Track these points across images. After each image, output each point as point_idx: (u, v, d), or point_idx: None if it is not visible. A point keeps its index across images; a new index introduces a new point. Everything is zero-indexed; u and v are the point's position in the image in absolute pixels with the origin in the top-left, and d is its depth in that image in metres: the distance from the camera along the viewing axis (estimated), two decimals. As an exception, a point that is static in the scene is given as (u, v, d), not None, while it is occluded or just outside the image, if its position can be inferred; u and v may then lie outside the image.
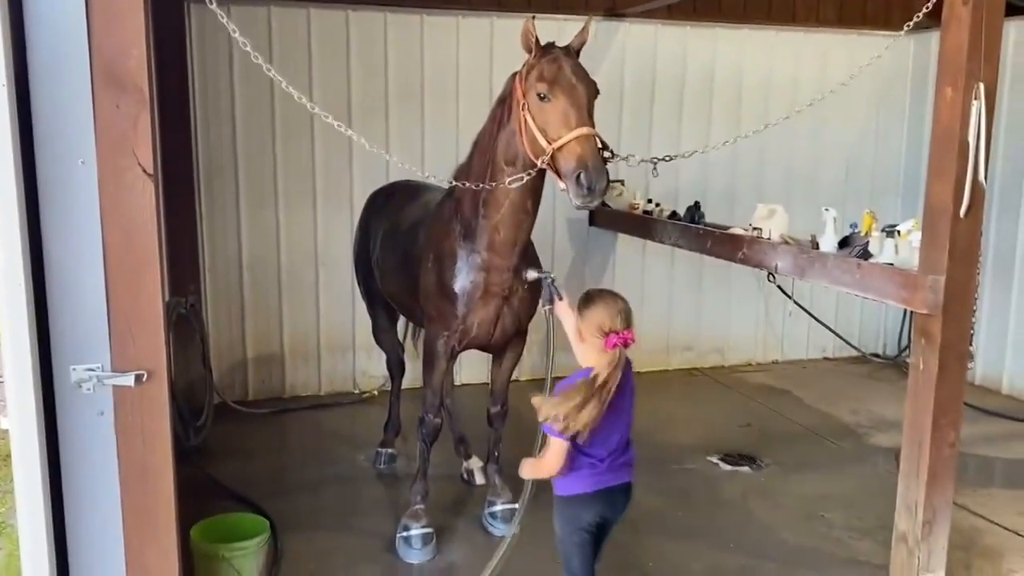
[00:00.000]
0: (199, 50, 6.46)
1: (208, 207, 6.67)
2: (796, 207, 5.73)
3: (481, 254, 4.19)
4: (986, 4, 3.49)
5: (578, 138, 3.61)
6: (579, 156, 3.59)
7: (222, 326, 6.85)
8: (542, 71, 3.73)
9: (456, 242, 4.28)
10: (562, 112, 3.67)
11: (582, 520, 3.26)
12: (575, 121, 3.64)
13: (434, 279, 4.37)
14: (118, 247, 2.64)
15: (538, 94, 3.71)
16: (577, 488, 3.25)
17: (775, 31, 7.84)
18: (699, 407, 7.11)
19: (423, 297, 4.50)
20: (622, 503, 3.33)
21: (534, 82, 3.74)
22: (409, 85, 6.97)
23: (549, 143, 3.68)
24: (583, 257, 7.67)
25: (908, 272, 3.88)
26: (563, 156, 3.65)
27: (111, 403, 2.70)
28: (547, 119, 3.70)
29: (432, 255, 4.41)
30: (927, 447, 3.79)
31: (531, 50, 3.82)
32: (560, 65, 3.74)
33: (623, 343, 3.09)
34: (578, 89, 3.71)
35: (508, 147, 3.98)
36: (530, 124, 3.77)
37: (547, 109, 3.70)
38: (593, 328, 3.14)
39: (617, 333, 3.08)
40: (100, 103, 2.56)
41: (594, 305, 3.19)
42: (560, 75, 3.71)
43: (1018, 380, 7.22)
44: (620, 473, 3.27)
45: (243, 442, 6.11)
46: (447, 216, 4.39)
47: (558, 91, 3.68)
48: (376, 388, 7.06)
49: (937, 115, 3.69)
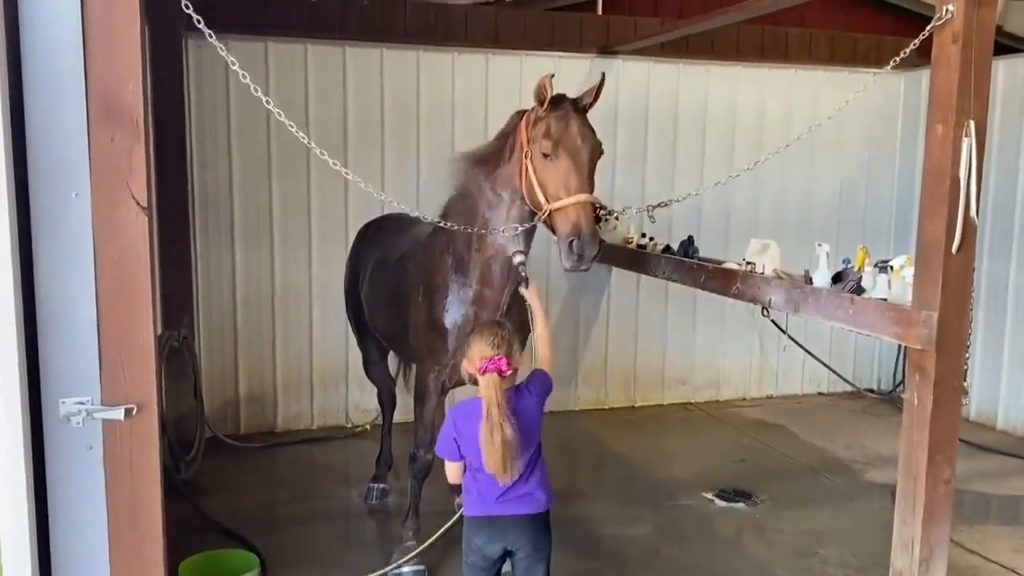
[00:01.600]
0: (196, 84, 6.51)
1: (203, 240, 6.68)
2: (789, 242, 5.76)
3: (473, 288, 4.19)
4: (975, 42, 3.53)
5: (575, 204, 3.64)
6: (574, 223, 3.62)
7: (215, 359, 6.82)
8: (549, 127, 3.73)
9: (447, 275, 4.26)
10: (564, 174, 3.69)
11: (471, 543, 3.29)
12: (575, 186, 3.66)
13: (424, 313, 4.35)
14: (110, 280, 2.62)
15: (543, 152, 3.72)
16: (468, 510, 3.31)
17: (767, 68, 7.94)
18: (694, 442, 7.07)
19: (413, 332, 4.47)
20: (524, 536, 3.26)
21: (540, 137, 3.74)
22: (405, 121, 7.02)
23: (547, 201, 3.71)
24: (578, 291, 7.68)
25: (901, 308, 3.89)
26: (559, 218, 3.68)
27: (100, 437, 2.66)
28: (548, 177, 3.72)
29: (422, 288, 4.39)
30: (923, 483, 3.76)
31: (542, 103, 3.80)
32: (568, 123, 3.75)
33: (495, 369, 3.11)
34: (582, 152, 3.73)
35: (507, 183, 3.99)
36: (531, 176, 3.79)
37: (549, 167, 3.72)
38: (475, 359, 3.19)
39: (490, 359, 3.13)
40: (95, 136, 2.56)
41: (474, 337, 3.26)
42: (566, 136, 3.72)
43: (1012, 416, 7.21)
44: (516, 504, 3.25)
45: (234, 476, 6.05)
46: (439, 249, 4.37)
47: (562, 152, 3.70)
48: (369, 422, 7.02)
49: (928, 152, 3.72)
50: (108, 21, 2.58)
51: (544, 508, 3.31)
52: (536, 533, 3.28)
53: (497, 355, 3.15)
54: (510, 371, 3.17)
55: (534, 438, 3.27)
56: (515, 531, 3.25)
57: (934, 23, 3.61)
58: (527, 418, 3.23)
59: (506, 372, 3.15)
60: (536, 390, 3.33)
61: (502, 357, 3.15)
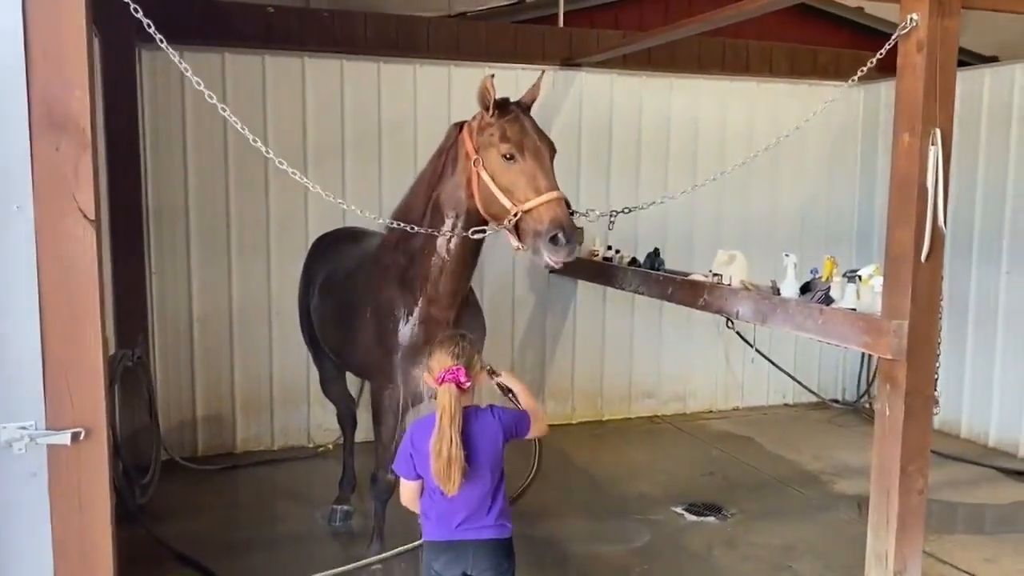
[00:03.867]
0: (151, 96, 6.34)
1: (158, 255, 6.49)
2: (753, 253, 5.73)
3: (419, 305, 4.08)
4: (940, 51, 3.54)
5: (548, 202, 3.57)
6: (553, 219, 3.55)
7: (171, 379, 6.62)
8: (504, 131, 3.67)
9: (393, 291, 4.15)
10: (530, 175, 3.62)
11: (430, 568, 3.19)
12: (544, 185, 3.61)
13: (373, 331, 4.24)
14: (56, 297, 2.49)
15: (503, 155, 3.64)
16: (427, 534, 3.22)
17: (729, 81, 7.97)
18: (662, 455, 7.01)
19: (363, 349, 4.35)
20: (486, 561, 3.15)
21: (496, 141, 3.67)
22: (366, 132, 6.92)
23: (515, 204, 3.62)
24: (544, 305, 7.60)
25: (871, 317, 3.87)
26: (532, 219, 3.60)
27: (45, 464, 2.52)
28: (513, 181, 3.64)
29: (371, 305, 4.27)
30: (896, 495, 3.74)
31: (487, 106, 3.73)
32: (522, 125, 3.70)
33: (453, 379, 3.03)
34: (543, 151, 3.69)
35: (451, 198, 3.90)
36: (487, 183, 3.69)
37: (513, 171, 3.64)
38: (434, 369, 3.11)
39: (448, 369, 3.05)
40: (38, 145, 2.43)
41: (435, 348, 3.18)
42: (526, 137, 3.68)
43: (976, 424, 7.26)
44: (478, 529, 3.15)
45: (192, 500, 5.86)
46: (383, 264, 4.27)
47: (525, 153, 3.64)
48: (331, 442, 6.85)
49: (895, 161, 3.72)
50: (53, 27, 2.47)
51: (507, 536, 3.21)
52: (498, 558, 3.17)
53: (456, 365, 3.06)
54: (468, 383, 3.07)
55: (487, 466, 3.12)
56: (476, 555, 3.14)
57: (899, 32, 3.62)
58: (484, 441, 3.11)
59: (464, 383, 3.05)
60: (504, 419, 3.19)
61: (460, 368, 3.05)
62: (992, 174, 7.04)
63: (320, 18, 6.77)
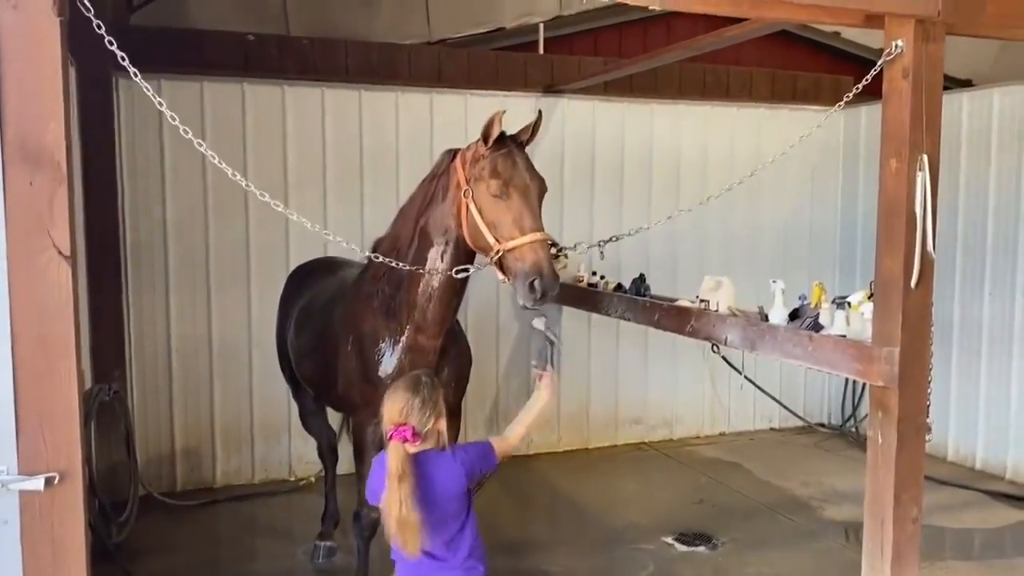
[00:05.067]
0: (128, 125, 6.25)
1: (135, 287, 6.37)
2: (737, 277, 5.70)
3: (406, 334, 3.99)
4: (925, 77, 3.53)
5: (531, 243, 3.52)
6: (534, 263, 3.50)
7: (149, 413, 6.48)
8: (495, 166, 3.60)
9: (377, 321, 4.06)
10: (516, 214, 3.57)
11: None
12: (529, 225, 3.55)
13: (355, 362, 4.13)
14: (29, 336, 2.40)
15: (491, 193, 3.59)
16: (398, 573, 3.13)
17: (710, 106, 8.00)
18: (650, 483, 6.94)
19: (344, 382, 4.24)
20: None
21: (486, 176, 3.60)
22: (348, 160, 6.86)
23: (499, 242, 3.57)
24: (528, 331, 7.52)
25: (862, 344, 3.83)
26: (514, 258, 3.54)
27: (16, 510, 2.42)
28: (499, 218, 3.58)
29: (352, 336, 4.17)
30: (890, 524, 3.68)
31: (487, 139, 3.66)
32: (515, 162, 3.64)
33: (400, 439, 2.92)
34: (532, 190, 3.64)
35: (439, 225, 3.84)
36: (475, 216, 3.63)
37: (500, 207, 3.58)
38: (385, 418, 3.02)
39: (396, 427, 2.95)
40: (11, 180, 2.35)
41: (388, 394, 3.07)
42: (515, 174, 3.62)
43: (963, 448, 7.25)
44: (445, 572, 3.06)
45: (170, 537, 5.72)
46: (365, 294, 4.18)
47: (513, 191, 3.58)
48: (314, 475, 6.72)
49: (883, 187, 3.69)
50: (27, 57, 2.41)
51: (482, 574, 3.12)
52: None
53: (403, 424, 2.94)
54: (417, 442, 2.96)
55: (449, 513, 3.03)
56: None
57: (884, 58, 3.61)
58: (445, 486, 3.01)
59: (412, 443, 2.94)
60: (466, 460, 3.07)
61: (408, 427, 2.93)
62: (972, 197, 7.08)
63: (300, 46, 6.73)
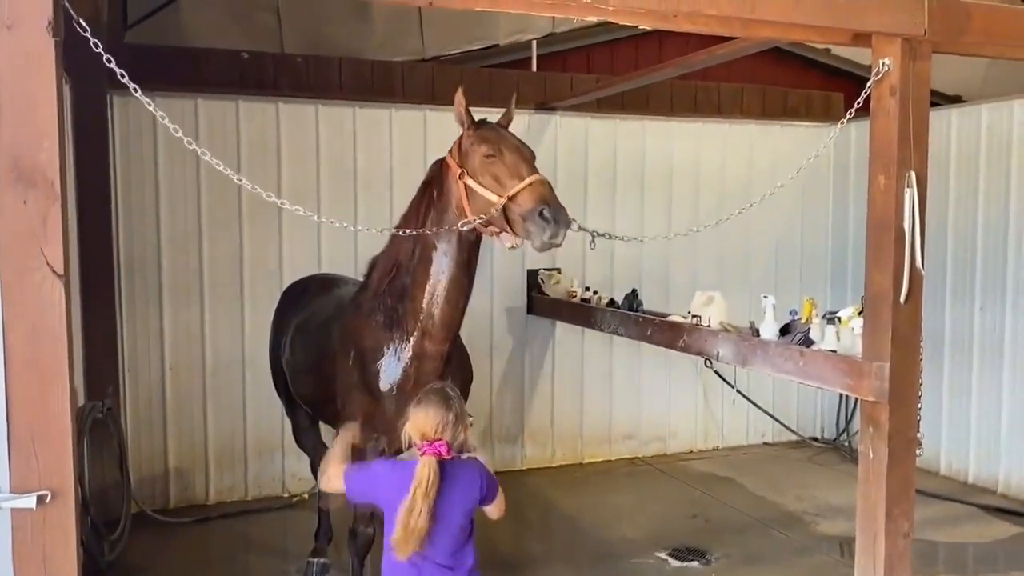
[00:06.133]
0: (122, 142, 6.26)
1: (128, 304, 6.37)
2: (728, 292, 5.75)
3: (411, 342, 4.00)
4: (912, 94, 3.58)
5: (532, 184, 3.60)
6: (538, 195, 3.58)
7: (142, 430, 6.46)
8: (483, 135, 3.78)
9: (380, 334, 4.07)
10: (512, 164, 3.70)
11: None
12: (526, 171, 3.67)
13: (356, 377, 4.13)
14: (21, 355, 2.41)
15: (484, 155, 3.72)
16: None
17: (701, 123, 8.05)
18: (644, 498, 6.93)
19: (344, 398, 4.24)
20: None
21: (476, 146, 3.76)
22: (341, 177, 6.88)
23: (500, 196, 3.63)
24: (522, 346, 7.55)
25: (852, 359, 3.86)
26: (519, 202, 3.60)
27: (8, 529, 2.43)
28: (496, 172, 3.70)
29: (353, 351, 4.18)
30: (882, 539, 3.71)
31: (463, 122, 3.86)
32: (499, 131, 3.86)
33: (435, 453, 2.98)
34: (522, 149, 3.81)
35: (440, 223, 3.90)
36: (474, 188, 3.73)
37: (495, 164, 3.71)
38: (415, 434, 3.06)
39: (430, 443, 3.00)
40: (5, 199, 2.37)
41: (417, 411, 3.10)
42: (503, 137, 3.81)
43: (955, 461, 7.27)
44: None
45: (163, 555, 5.68)
46: (366, 309, 4.19)
47: (504, 149, 3.74)
48: (307, 491, 6.70)
49: (872, 204, 3.73)
50: (21, 77, 2.43)
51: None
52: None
53: (439, 439, 2.99)
54: (450, 456, 3.02)
55: (459, 523, 3.05)
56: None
57: (873, 77, 3.66)
58: (461, 493, 3.05)
59: (447, 457, 3.00)
60: (483, 483, 3.14)
61: (443, 443, 2.99)
62: (962, 212, 7.13)
63: (294, 63, 6.76)
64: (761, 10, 3.39)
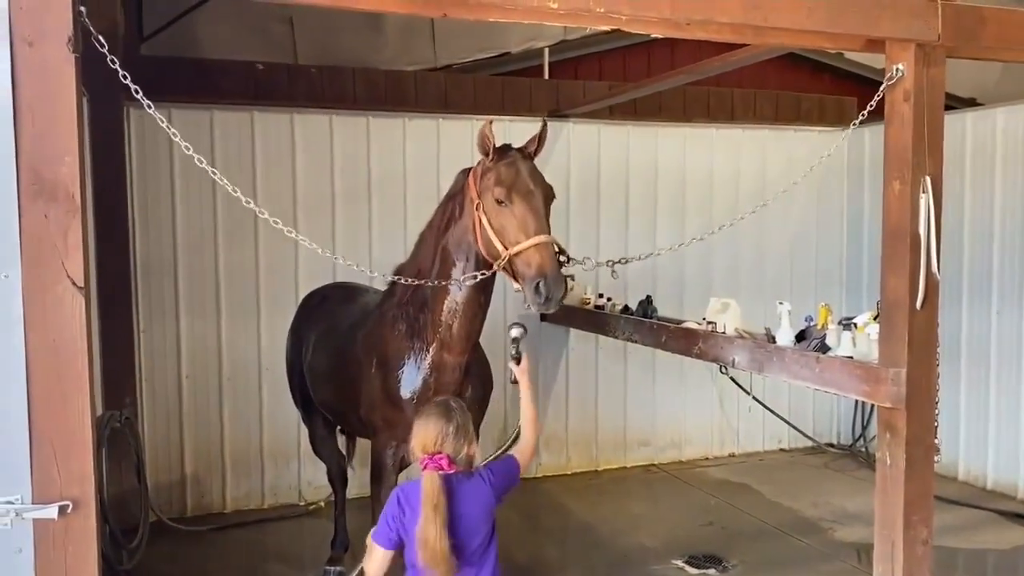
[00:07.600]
0: (139, 153, 6.33)
1: (146, 314, 6.42)
2: (743, 298, 5.74)
3: (431, 353, 4.03)
4: (926, 100, 3.57)
5: (536, 245, 3.57)
6: (538, 265, 3.55)
7: (159, 439, 6.51)
8: (499, 175, 3.68)
9: (401, 343, 4.10)
10: (520, 218, 3.62)
11: None
12: (533, 228, 3.60)
13: (379, 385, 4.16)
14: (43, 367, 2.44)
15: (496, 199, 3.66)
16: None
17: (715, 128, 8.04)
18: (660, 505, 6.92)
19: (367, 406, 4.27)
20: None
21: (491, 185, 3.68)
22: (356, 186, 6.92)
23: (506, 248, 3.63)
24: (536, 353, 7.54)
25: (869, 365, 3.84)
26: (521, 262, 3.60)
27: (31, 539, 2.45)
28: (504, 224, 3.65)
29: (375, 359, 4.21)
30: (900, 546, 3.68)
31: (488, 153, 3.76)
32: (517, 169, 3.71)
33: (436, 467, 2.94)
34: (535, 195, 3.69)
35: (460, 242, 3.90)
36: (485, 226, 3.71)
37: (504, 214, 3.65)
38: (416, 448, 3.03)
39: (431, 456, 2.96)
40: (27, 213, 2.40)
41: (420, 423, 3.07)
42: (518, 180, 3.68)
43: (974, 466, 7.21)
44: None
45: (180, 563, 5.72)
46: (390, 317, 4.22)
47: (515, 196, 3.64)
48: (323, 499, 6.72)
49: (887, 209, 3.72)
50: (42, 92, 2.46)
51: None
52: None
53: (437, 453, 2.96)
54: (452, 469, 2.98)
55: (475, 532, 3.03)
56: None
57: (886, 82, 3.65)
58: (473, 507, 3.02)
59: (448, 471, 2.97)
60: (494, 481, 3.11)
61: (443, 456, 2.96)
62: (978, 215, 7.09)
63: (308, 74, 6.82)
64: (773, 18, 3.38)
